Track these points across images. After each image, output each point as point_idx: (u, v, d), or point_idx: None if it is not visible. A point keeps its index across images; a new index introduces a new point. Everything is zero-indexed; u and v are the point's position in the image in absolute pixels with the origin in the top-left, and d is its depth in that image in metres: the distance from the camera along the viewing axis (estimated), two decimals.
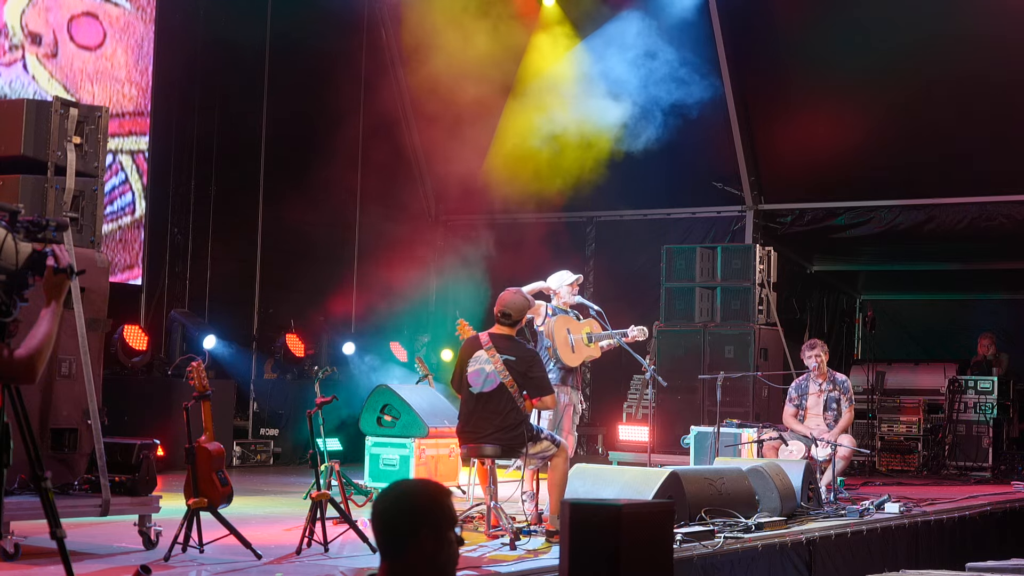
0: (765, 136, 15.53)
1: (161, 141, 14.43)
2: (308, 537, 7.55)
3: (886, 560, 9.20)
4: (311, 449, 7.87)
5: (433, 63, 15.53)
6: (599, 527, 5.52)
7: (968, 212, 14.94)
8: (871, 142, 14.89)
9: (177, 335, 14.01)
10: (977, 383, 14.68)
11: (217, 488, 7.45)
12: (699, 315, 14.51)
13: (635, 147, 15.23)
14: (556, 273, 10.07)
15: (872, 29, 14.83)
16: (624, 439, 14.46)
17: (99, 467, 7.28)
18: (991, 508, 11.07)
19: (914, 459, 14.65)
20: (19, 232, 4.25)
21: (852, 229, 15.58)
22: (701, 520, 8.18)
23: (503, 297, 8.64)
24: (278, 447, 14.58)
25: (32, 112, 7.75)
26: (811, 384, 11.46)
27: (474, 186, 16.83)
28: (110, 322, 8.13)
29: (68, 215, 7.67)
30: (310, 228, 15.97)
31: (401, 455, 11.07)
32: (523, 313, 8.63)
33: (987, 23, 14.11)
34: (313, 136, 15.85)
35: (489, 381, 8.37)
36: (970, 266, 17.40)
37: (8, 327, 4.19)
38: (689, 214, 16.37)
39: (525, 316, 8.73)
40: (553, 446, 8.52)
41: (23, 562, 6.70)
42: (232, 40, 14.71)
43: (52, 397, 7.43)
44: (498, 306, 8.60)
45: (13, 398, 4.25)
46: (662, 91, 14.99)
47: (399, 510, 3.44)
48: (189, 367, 7.57)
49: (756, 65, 15.36)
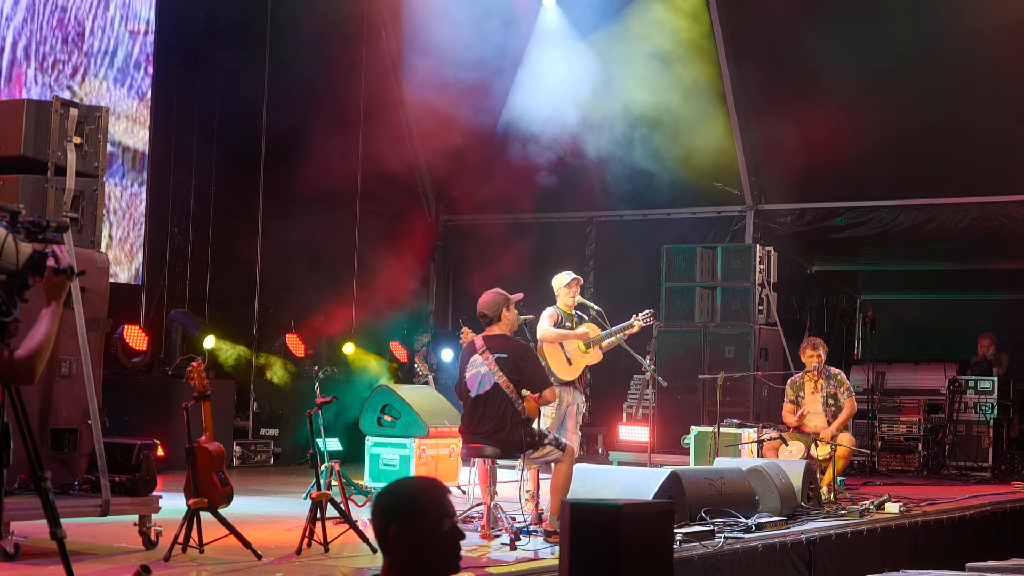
0: (765, 136, 15.54)
1: (161, 141, 14.43)
2: (308, 537, 7.55)
3: (886, 560, 9.20)
4: (311, 449, 7.87)
5: (434, 60, 15.55)
6: (599, 527, 5.52)
7: (968, 212, 14.95)
8: (871, 142, 14.89)
9: (177, 335, 14.01)
10: (977, 383, 14.68)
11: (217, 488, 7.45)
12: (699, 315, 14.52)
13: (636, 146, 15.25)
14: (558, 274, 10.07)
15: (872, 29, 14.83)
16: (624, 439, 14.46)
17: (99, 467, 7.27)
18: (991, 508, 11.07)
19: (914, 459, 14.65)
20: (19, 232, 4.25)
21: (852, 229, 15.59)
22: (701, 520, 8.18)
23: (480, 299, 8.70)
24: (278, 447, 14.58)
25: (32, 112, 7.74)
26: (807, 383, 11.44)
27: (475, 186, 16.84)
28: (110, 322, 8.13)
29: (68, 215, 7.67)
30: (310, 228, 15.97)
31: (401, 455, 11.08)
32: (497, 308, 8.59)
33: (987, 23, 14.11)
34: (313, 135, 15.83)
35: (484, 382, 8.38)
36: (970, 266, 17.40)
37: (8, 327, 4.18)
38: (689, 214, 16.37)
39: (504, 310, 8.65)
40: (557, 450, 8.46)
41: (23, 562, 6.70)
42: (233, 39, 14.72)
43: (52, 397, 7.43)
44: (477, 309, 8.67)
45: (13, 398, 4.25)
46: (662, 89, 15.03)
47: (376, 508, 3.51)
48: (189, 367, 7.57)
49: (756, 65, 15.36)
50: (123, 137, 13.94)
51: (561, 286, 9.94)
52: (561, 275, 10.02)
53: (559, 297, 9.95)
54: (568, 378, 9.70)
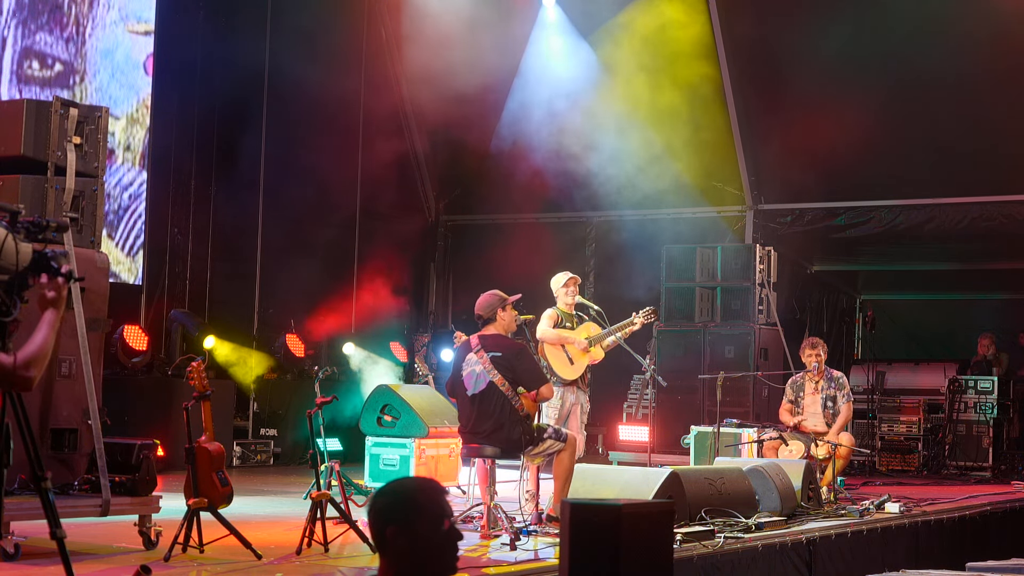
0: (765, 136, 15.54)
1: (162, 140, 14.43)
2: (308, 537, 7.55)
3: (886, 560, 9.20)
4: (311, 449, 7.87)
5: (434, 60, 15.56)
6: (599, 527, 5.53)
7: (968, 212, 14.94)
8: (871, 142, 14.89)
9: (177, 335, 14.01)
10: (977, 383, 14.68)
11: (217, 488, 7.45)
12: (699, 315, 14.52)
13: (636, 146, 15.25)
14: (556, 275, 10.08)
15: (872, 29, 14.83)
16: (624, 439, 14.47)
17: (99, 467, 7.27)
18: (991, 508, 11.07)
19: (914, 459, 14.65)
20: (19, 232, 4.25)
21: (852, 229, 15.58)
22: (701, 520, 8.18)
23: (477, 301, 8.73)
24: (278, 447, 14.58)
25: (32, 112, 7.74)
26: (807, 383, 11.45)
27: (475, 186, 16.85)
28: (110, 322, 8.12)
29: (68, 215, 7.67)
30: (310, 228, 15.98)
31: (401, 455, 11.08)
32: (492, 310, 8.63)
33: (988, 24, 14.11)
34: (313, 135, 15.85)
35: (479, 381, 8.41)
36: (970, 266, 17.40)
37: (8, 327, 4.18)
38: (689, 214, 16.37)
39: (498, 310, 8.68)
40: (558, 442, 8.51)
41: (23, 562, 6.70)
42: (233, 39, 14.72)
43: (52, 397, 7.43)
44: (475, 310, 8.72)
45: (13, 399, 4.25)
46: (662, 89, 15.03)
47: (372, 509, 3.50)
48: (189, 367, 7.57)
49: (756, 65, 15.36)
50: (123, 137, 13.94)
51: (559, 286, 9.96)
52: (559, 275, 10.04)
53: (558, 298, 9.96)
54: (570, 377, 9.71)
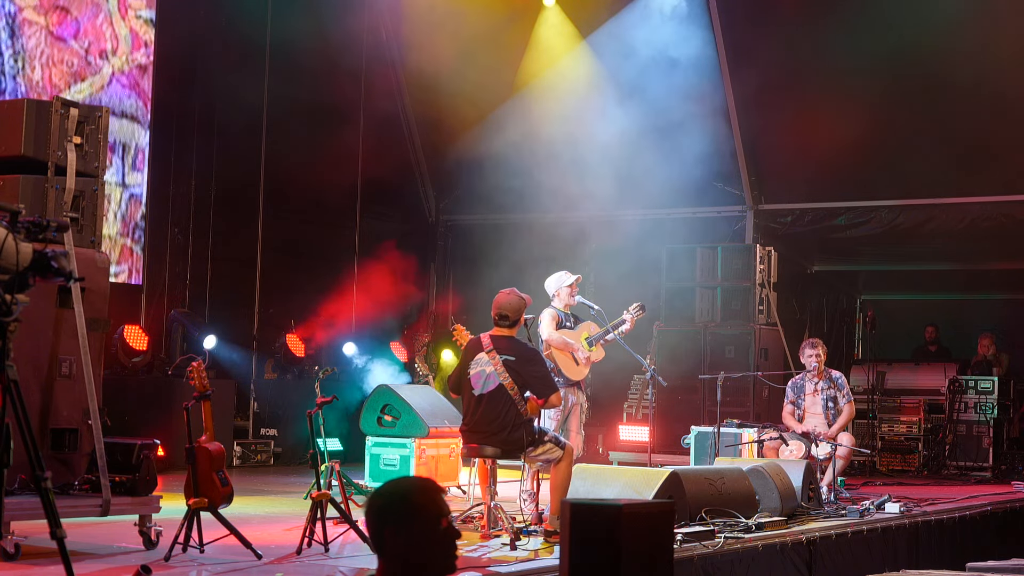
0: (765, 136, 15.53)
1: (162, 141, 14.43)
2: (308, 537, 7.55)
3: (886, 560, 9.20)
4: (311, 449, 7.87)
5: (434, 60, 15.55)
6: (599, 527, 5.52)
7: (968, 212, 14.94)
8: (871, 142, 14.89)
9: (177, 335, 14.01)
10: (977, 383, 14.68)
11: (217, 488, 7.45)
12: (699, 315, 14.52)
13: (636, 146, 15.24)
14: (554, 275, 10.04)
15: (872, 29, 14.82)
16: (624, 439, 14.47)
17: (99, 467, 7.27)
18: (991, 508, 11.07)
19: (914, 459, 14.65)
20: (20, 232, 4.25)
21: (852, 229, 15.58)
22: (701, 520, 8.18)
23: (498, 299, 8.66)
24: (278, 447, 14.59)
25: (32, 112, 7.74)
26: (807, 384, 11.45)
27: (475, 186, 16.84)
28: (110, 322, 8.12)
29: (68, 215, 7.67)
30: (310, 228, 15.97)
31: (401, 455, 11.08)
32: (520, 313, 8.64)
33: (987, 24, 14.11)
34: (313, 135, 15.84)
35: (489, 382, 8.38)
36: (970, 266, 17.40)
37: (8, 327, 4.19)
38: (689, 214, 16.36)
39: (523, 315, 8.73)
40: (558, 449, 8.47)
41: (23, 562, 6.70)
42: (233, 38, 14.72)
43: (52, 397, 7.43)
44: (495, 308, 8.61)
45: (13, 398, 4.25)
46: (662, 90, 15.03)
47: (370, 510, 3.50)
48: (189, 367, 7.57)
49: (756, 65, 15.35)
50: (123, 137, 13.94)
51: (563, 286, 9.91)
52: (560, 275, 9.98)
53: (558, 297, 9.93)
54: (576, 378, 9.71)
